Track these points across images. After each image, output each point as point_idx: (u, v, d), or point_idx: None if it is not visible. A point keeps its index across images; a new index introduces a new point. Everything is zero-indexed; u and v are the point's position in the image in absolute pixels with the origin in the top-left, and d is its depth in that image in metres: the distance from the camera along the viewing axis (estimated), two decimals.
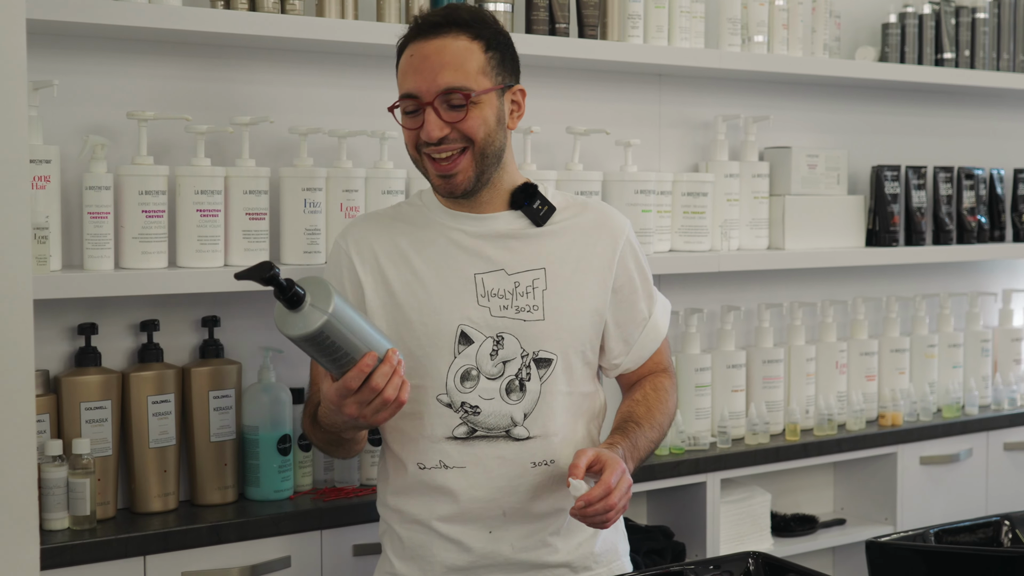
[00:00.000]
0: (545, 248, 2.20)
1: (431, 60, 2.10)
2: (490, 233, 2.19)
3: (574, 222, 2.24)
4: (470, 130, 2.11)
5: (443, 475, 2.15)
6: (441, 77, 2.09)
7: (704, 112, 3.40)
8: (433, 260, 2.18)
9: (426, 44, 2.12)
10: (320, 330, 1.85)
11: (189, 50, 2.65)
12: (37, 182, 2.35)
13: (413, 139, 2.15)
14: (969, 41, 3.73)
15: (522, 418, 2.16)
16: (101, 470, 2.46)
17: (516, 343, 2.15)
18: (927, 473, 3.53)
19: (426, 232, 2.21)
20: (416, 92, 2.11)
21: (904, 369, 3.61)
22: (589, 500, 1.98)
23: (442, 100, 2.10)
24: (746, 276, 3.49)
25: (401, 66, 2.15)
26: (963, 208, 3.76)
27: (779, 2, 3.32)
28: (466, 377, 2.15)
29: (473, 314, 2.15)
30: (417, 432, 2.16)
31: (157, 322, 2.59)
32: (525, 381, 2.16)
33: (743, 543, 3.16)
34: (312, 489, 2.70)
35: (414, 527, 2.19)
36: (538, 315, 2.16)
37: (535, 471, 2.16)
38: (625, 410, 2.27)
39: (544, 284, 2.18)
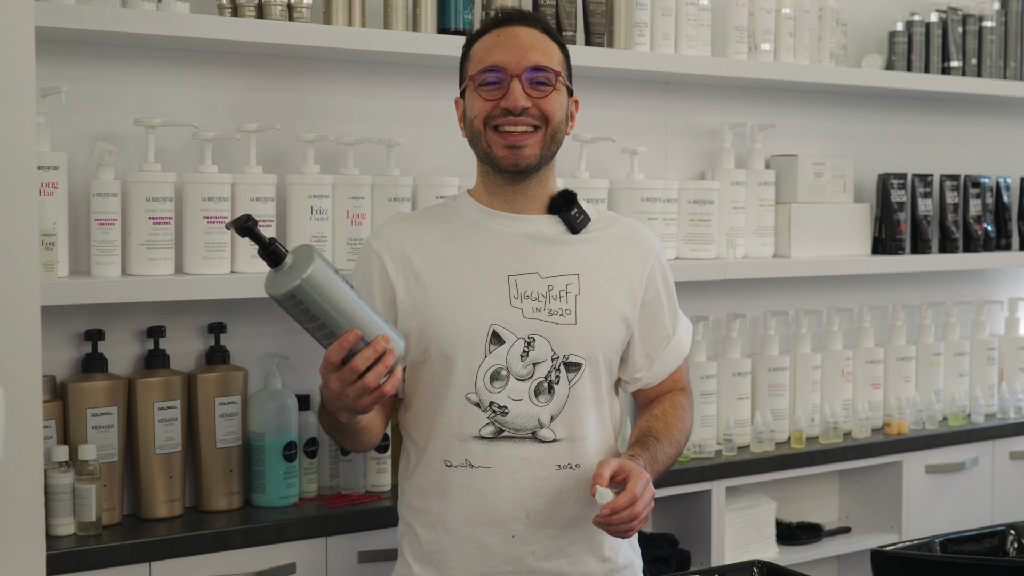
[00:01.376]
0: (579, 255, 2.21)
1: (522, 39, 2.17)
2: (526, 234, 2.20)
3: (607, 232, 2.26)
4: (550, 109, 2.16)
5: (469, 474, 2.15)
6: (531, 55, 2.16)
7: (710, 120, 3.40)
8: (467, 258, 2.19)
9: (516, 29, 2.19)
10: (292, 293, 1.85)
11: (197, 57, 2.66)
12: (45, 188, 2.36)
13: (486, 111, 2.16)
14: (976, 49, 3.73)
15: (549, 420, 2.16)
16: (107, 476, 2.46)
17: (547, 345, 2.16)
18: (933, 482, 3.52)
19: (461, 231, 2.22)
20: (503, 64, 2.15)
21: (910, 377, 3.61)
22: (615, 508, 1.99)
23: (529, 76, 2.15)
24: (752, 284, 3.49)
25: (483, 45, 2.19)
26: (969, 216, 3.76)
27: (786, 10, 3.33)
28: (496, 377, 2.15)
29: (505, 314, 2.15)
30: (444, 429, 2.16)
31: (164, 328, 2.59)
32: (554, 384, 2.16)
33: (748, 551, 3.16)
34: (318, 496, 2.70)
35: (435, 529, 2.18)
36: (570, 319, 2.17)
37: (560, 474, 2.16)
38: (644, 424, 2.28)
39: (577, 289, 2.19)
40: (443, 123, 2.96)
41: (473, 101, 2.18)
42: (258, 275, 2.56)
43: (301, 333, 2.79)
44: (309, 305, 1.87)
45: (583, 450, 2.18)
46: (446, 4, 2.79)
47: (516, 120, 2.15)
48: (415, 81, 2.92)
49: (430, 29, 2.77)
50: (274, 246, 1.87)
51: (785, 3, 3.33)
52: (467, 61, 2.24)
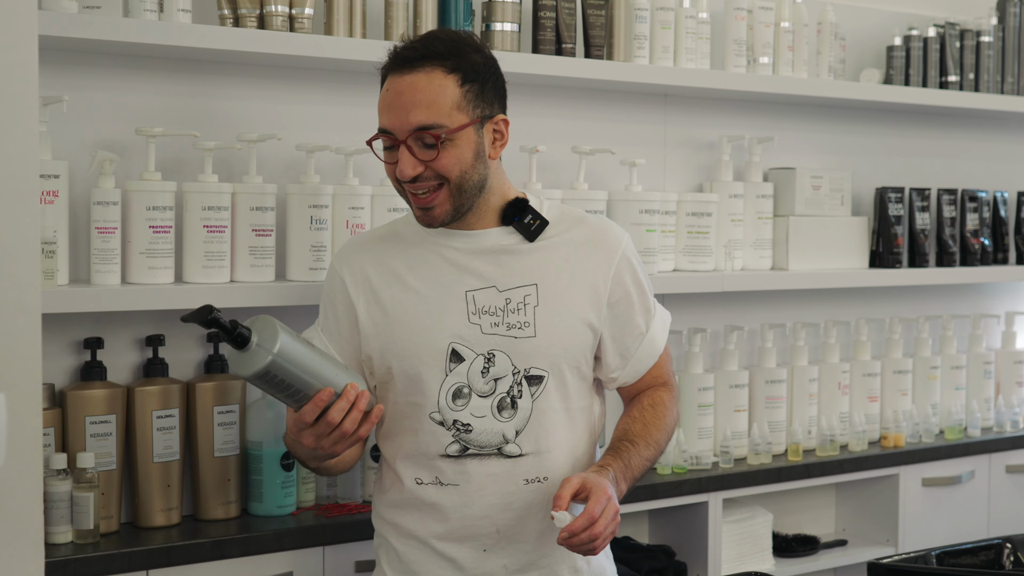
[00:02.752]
0: (537, 263, 2.19)
1: (404, 97, 2.09)
2: (481, 249, 2.19)
3: (567, 236, 2.22)
4: (443, 169, 2.10)
5: (438, 492, 2.16)
6: (413, 115, 2.08)
7: (709, 132, 3.41)
8: (425, 278, 2.18)
9: (400, 79, 2.10)
10: (266, 369, 1.92)
11: (198, 67, 2.67)
12: (46, 197, 2.36)
13: (392, 174, 2.15)
14: (973, 64, 3.75)
15: (514, 435, 2.15)
16: (105, 484, 2.47)
17: (507, 360, 2.15)
18: (929, 495, 3.53)
19: (418, 250, 2.21)
20: (390, 129, 2.11)
21: (907, 390, 3.61)
22: (572, 531, 1.98)
23: (415, 139, 2.09)
24: (749, 296, 3.49)
25: (381, 101, 2.14)
26: (967, 230, 3.77)
27: (785, 24, 3.34)
28: (457, 395, 2.14)
29: (464, 332, 2.14)
30: (412, 447, 2.17)
31: (163, 337, 2.59)
32: (516, 398, 2.15)
33: (744, 563, 3.16)
34: (315, 505, 2.70)
35: (410, 542, 2.20)
36: (529, 332, 2.16)
37: (528, 488, 2.16)
38: (621, 428, 2.26)
39: (536, 300, 2.17)
40: None
41: (383, 161, 2.17)
42: (258, 284, 2.57)
43: None
44: (284, 377, 1.94)
45: (550, 463, 2.17)
46: (446, 16, 2.80)
47: (414, 186, 2.11)
48: None
49: None
50: (238, 330, 1.92)
51: (784, 17, 3.34)
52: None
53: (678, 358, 3.30)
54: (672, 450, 3.09)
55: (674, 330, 3.27)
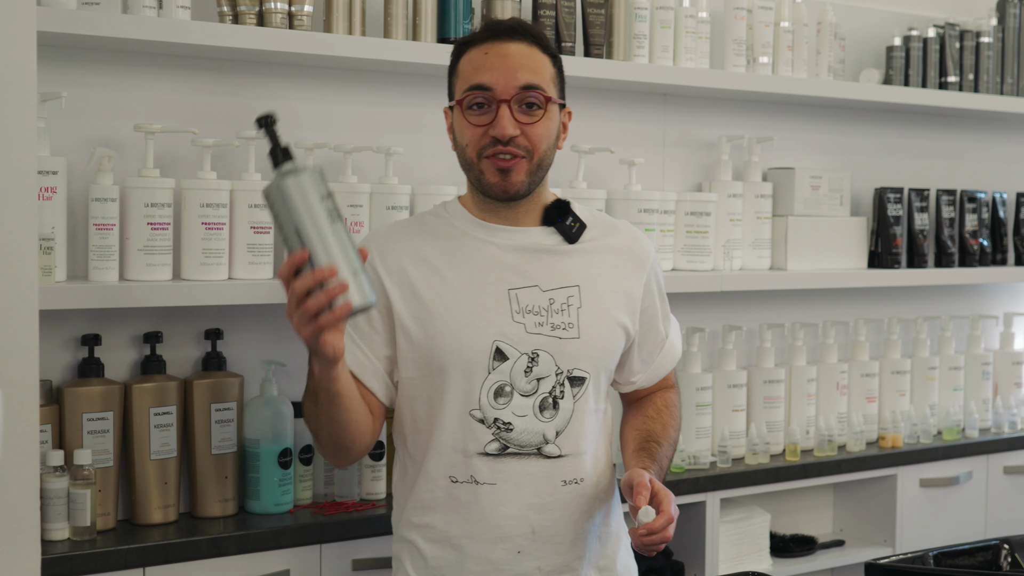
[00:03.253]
0: (578, 265, 2.19)
1: (511, 59, 2.11)
2: (524, 247, 2.18)
3: (604, 242, 2.24)
4: (536, 137, 2.12)
5: (473, 491, 2.13)
6: (521, 75, 2.10)
7: (708, 132, 3.41)
8: (466, 273, 2.15)
9: (504, 45, 2.12)
10: (266, 193, 1.91)
11: (197, 64, 2.67)
12: (44, 193, 2.36)
13: (476, 140, 2.12)
14: (973, 65, 3.74)
15: (554, 436, 2.14)
16: (102, 481, 2.46)
17: (551, 360, 2.14)
18: (927, 495, 3.53)
19: (456, 244, 2.18)
20: (492, 85, 2.10)
21: (905, 391, 3.61)
22: (653, 529, 1.99)
23: (518, 99, 2.10)
24: (748, 296, 3.49)
25: (471, 61, 2.13)
26: (965, 231, 3.77)
27: (784, 24, 3.34)
28: (500, 393, 2.12)
29: (508, 330, 2.13)
30: (448, 446, 2.13)
31: (160, 334, 2.59)
32: (559, 399, 2.14)
33: (742, 563, 3.16)
34: (312, 503, 2.70)
35: (440, 545, 2.15)
36: (573, 333, 2.15)
37: (565, 490, 2.15)
38: (642, 427, 2.28)
39: (579, 302, 2.17)
40: (442, 132, 2.95)
41: (462, 127, 2.15)
42: (256, 282, 2.57)
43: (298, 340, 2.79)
44: (276, 213, 1.91)
45: (586, 464, 2.18)
46: (446, 13, 2.80)
47: (506, 149, 2.10)
48: (414, 89, 2.93)
49: (430, 38, 2.78)
50: (278, 149, 1.92)
51: (784, 17, 3.34)
52: (454, 75, 2.19)
53: None
54: None
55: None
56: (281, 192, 1.89)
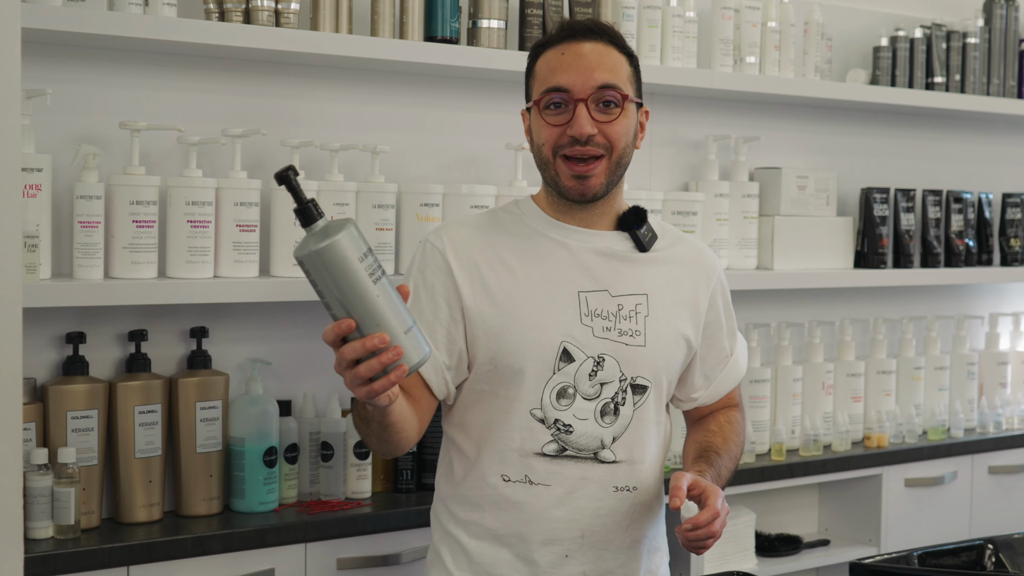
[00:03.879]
0: (648, 274, 2.19)
1: (588, 58, 2.11)
2: (596, 250, 2.17)
3: (673, 252, 2.24)
4: (614, 135, 2.11)
5: (526, 491, 2.11)
6: (598, 74, 2.10)
7: (695, 132, 3.41)
8: (538, 271, 2.14)
9: (581, 45, 2.12)
10: (301, 260, 1.78)
11: (183, 61, 2.66)
12: (28, 190, 2.35)
13: (553, 139, 2.11)
14: (960, 65, 3.75)
15: (611, 441, 2.13)
16: (86, 479, 2.46)
17: (616, 366, 2.13)
18: (912, 495, 3.53)
19: (528, 243, 2.17)
20: (569, 86, 2.10)
21: (890, 391, 3.62)
22: (697, 523, 1.99)
23: (595, 98, 2.10)
24: (734, 296, 3.45)
25: (548, 63, 2.13)
26: (951, 231, 3.78)
27: (771, 24, 3.34)
28: (562, 395, 2.11)
29: (576, 332, 2.12)
30: (504, 443, 2.12)
31: (145, 332, 2.59)
32: (620, 405, 2.13)
33: (727, 563, 3.16)
34: (297, 502, 2.69)
35: (486, 541, 2.14)
36: (639, 340, 2.15)
37: (617, 496, 2.14)
38: (702, 439, 2.27)
39: (647, 310, 2.16)
40: (429, 130, 2.97)
41: (539, 127, 2.14)
42: (241, 280, 2.56)
43: (283, 339, 2.80)
44: (315, 279, 1.79)
45: (641, 473, 2.17)
46: (433, 12, 2.79)
47: (584, 149, 2.09)
48: (401, 88, 2.92)
49: (417, 37, 2.78)
50: (306, 206, 1.80)
51: (771, 17, 3.34)
52: (531, 76, 2.19)
53: None
54: None
55: None
56: (317, 258, 1.77)
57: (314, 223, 1.80)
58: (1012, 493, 3.76)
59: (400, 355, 1.79)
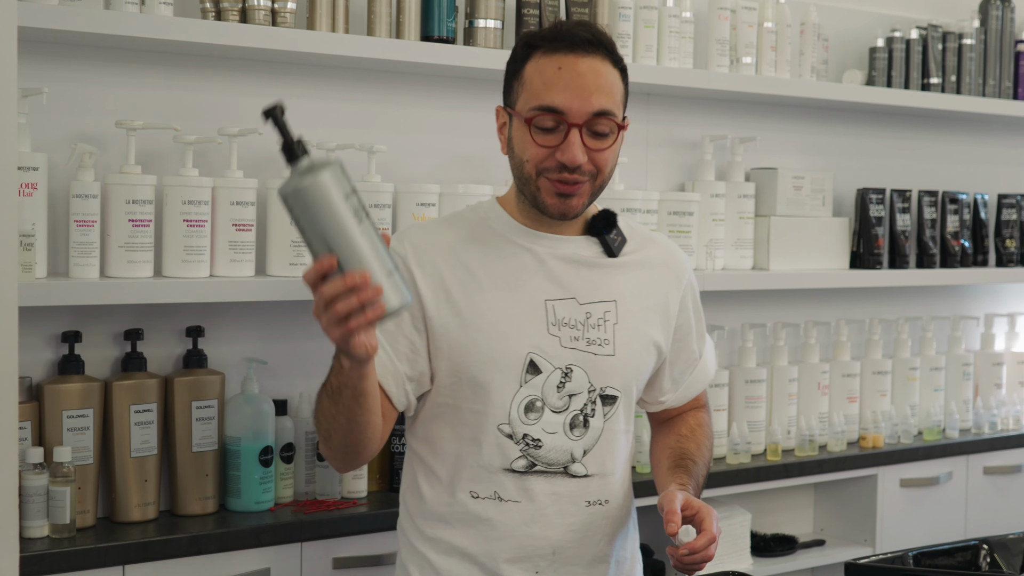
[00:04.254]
0: (617, 280, 2.11)
1: (586, 79, 1.98)
2: (563, 257, 2.08)
3: (643, 256, 2.16)
4: (604, 162, 2.02)
5: (496, 508, 2.04)
6: (596, 99, 1.98)
7: (691, 132, 3.42)
8: (502, 280, 2.06)
9: (579, 61, 1.99)
10: (284, 197, 1.73)
11: (179, 60, 2.66)
12: (24, 189, 2.35)
13: (540, 158, 2.00)
14: (956, 66, 3.76)
15: (582, 455, 2.07)
16: (81, 478, 2.45)
17: (584, 377, 2.06)
18: (907, 495, 3.54)
19: (494, 249, 2.08)
20: (564, 109, 1.97)
21: (886, 391, 3.62)
22: (694, 549, 1.93)
23: (589, 124, 1.99)
24: (730, 296, 3.50)
25: (542, 75, 2.00)
26: (947, 232, 3.78)
27: (768, 24, 3.34)
28: (530, 408, 2.04)
29: (543, 343, 2.03)
30: (473, 460, 2.04)
31: (141, 331, 2.58)
32: (589, 417, 2.07)
33: (723, 563, 3.16)
34: (293, 501, 2.69)
35: (455, 559, 2.07)
36: (608, 350, 2.07)
37: (589, 510, 2.08)
38: (676, 445, 2.22)
39: (615, 318, 2.09)
40: (425, 130, 2.97)
41: (525, 142, 2.01)
42: (238, 279, 2.56)
43: (279, 338, 2.80)
44: (296, 217, 1.73)
45: (613, 485, 2.11)
46: (429, 12, 2.79)
47: (572, 175, 1.99)
48: (397, 88, 2.92)
49: (413, 36, 2.78)
50: (291, 144, 1.74)
51: (767, 17, 3.34)
52: (518, 79, 2.04)
53: None
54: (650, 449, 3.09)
55: None
56: (300, 195, 1.71)
57: (299, 160, 1.75)
58: (1007, 493, 3.77)
59: (380, 294, 1.72)
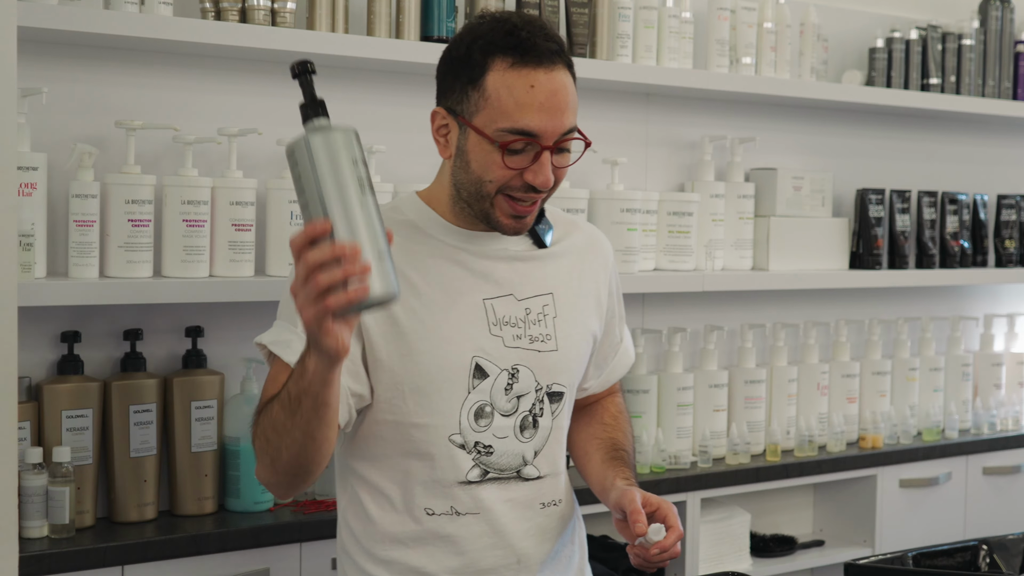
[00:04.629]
0: (550, 271, 2.04)
1: (559, 99, 1.88)
2: (495, 254, 2.00)
3: (570, 243, 2.09)
4: (562, 177, 1.94)
5: (453, 523, 1.96)
6: (567, 118, 1.89)
7: (691, 132, 3.42)
8: (437, 283, 1.95)
9: (550, 78, 1.87)
10: (291, 151, 1.66)
11: (179, 60, 2.66)
12: (23, 189, 2.35)
13: (506, 179, 1.89)
14: (955, 67, 3.76)
15: (532, 456, 2.00)
16: (80, 479, 2.45)
17: (531, 376, 1.99)
18: (906, 496, 3.54)
19: (423, 248, 1.97)
20: (540, 132, 1.87)
21: (885, 392, 3.62)
22: (664, 547, 1.89)
23: (558, 143, 1.90)
24: (730, 296, 3.50)
25: (512, 92, 1.86)
26: (946, 233, 3.78)
27: (767, 25, 3.34)
28: (480, 414, 1.95)
29: (486, 344, 1.95)
30: (426, 475, 1.95)
31: (140, 331, 2.58)
32: (538, 417, 2.00)
33: (722, 563, 3.16)
34: (292, 501, 2.69)
35: None
36: (551, 345, 2.00)
37: (543, 513, 2.03)
38: (604, 435, 2.17)
39: (554, 311, 2.02)
40: (425, 130, 2.94)
41: (490, 163, 1.89)
42: (237, 280, 2.56)
43: None
44: (299, 173, 1.65)
45: (563, 484, 2.07)
46: (429, 12, 2.79)
47: (536, 196, 1.91)
48: (397, 88, 2.92)
49: (413, 37, 2.78)
50: (312, 102, 1.69)
51: (767, 18, 3.34)
52: (477, 90, 1.88)
53: (657, 357, 3.31)
54: (651, 449, 3.09)
55: (654, 329, 3.28)
56: (307, 149, 1.63)
57: (309, 117, 1.70)
58: (1006, 494, 3.77)
59: (367, 273, 1.58)
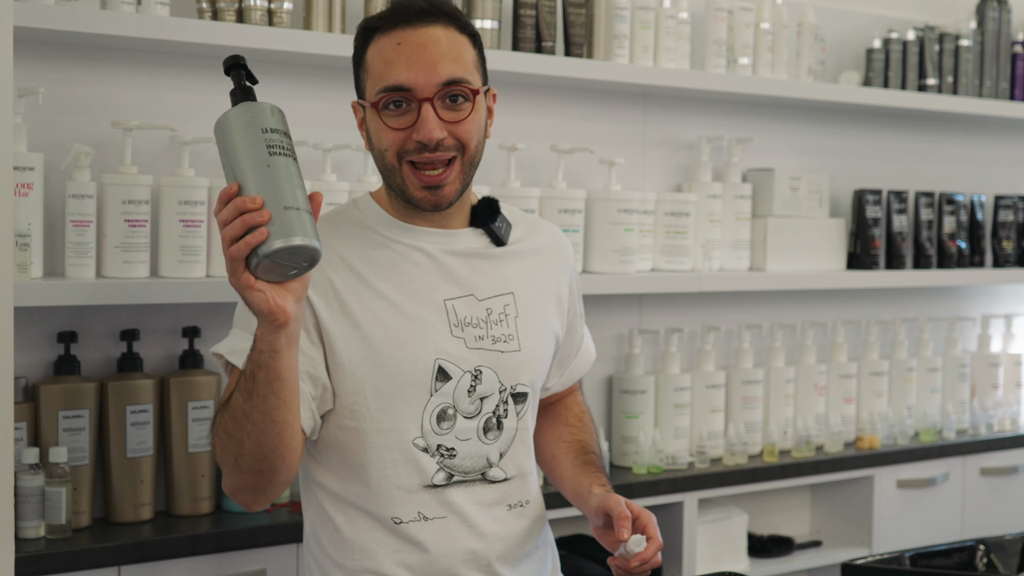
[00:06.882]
0: (510, 270, 2.02)
1: (429, 49, 1.86)
2: (455, 252, 1.98)
3: (531, 243, 2.07)
4: (466, 134, 1.89)
5: (422, 529, 1.93)
6: (443, 68, 1.85)
7: (688, 133, 3.42)
8: (396, 283, 1.93)
9: (418, 32, 1.87)
10: (214, 131, 1.73)
11: (175, 60, 2.65)
12: (20, 189, 2.34)
13: (398, 143, 1.88)
14: (952, 67, 3.76)
15: (498, 458, 1.98)
16: (77, 479, 2.45)
17: (494, 377, 1.96)
18: (904, 496, 3.54)
19: (380, 251, 1.95)
20: (410, 85, 1.85)
21: (882, 392, 3.62)
22: (645, 559, 1.87)
23: (441, 95, 1.86)
24: (727, 297, 3.50)
25: (382, 54, 1.88)
26: (944, 233, 3.79)
27: (765, 25, 3.34)
28: (442, 417, 1.93)
29: (448, 346, 1.93)
30: (390, 483, 1.92)
31: (137, 331, 2.58)
32: (502, 418, 1.98)
33: (719, 563, 3.16)
34: (289, 502, 2.69)
35: None
36: (514, 345, 1.98)
37: (511, 514, 2.01)
38: (571, 438, 2.16)
39: (515, 311, 2.00)
40: None
41: (379, 129, 1.90)
42: None
43: None
44: (220, 148, 1.72)
45: (530, 485, 2.04)
46: None
47: (434, 155, 1.87)
48: None
49: None
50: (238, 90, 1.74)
51: (764, 18, 3.34)
52: (362, 67, 1.93)
53: (655, 358, 3.31)
54: (648, 450, 3.09)
55: (651, 330, 3.28)
56: (223, 123, 1.71)
57: (235, 98, 1.74)
58: (1003, 494, 3.77)
59: (266, 219, 1.62)
